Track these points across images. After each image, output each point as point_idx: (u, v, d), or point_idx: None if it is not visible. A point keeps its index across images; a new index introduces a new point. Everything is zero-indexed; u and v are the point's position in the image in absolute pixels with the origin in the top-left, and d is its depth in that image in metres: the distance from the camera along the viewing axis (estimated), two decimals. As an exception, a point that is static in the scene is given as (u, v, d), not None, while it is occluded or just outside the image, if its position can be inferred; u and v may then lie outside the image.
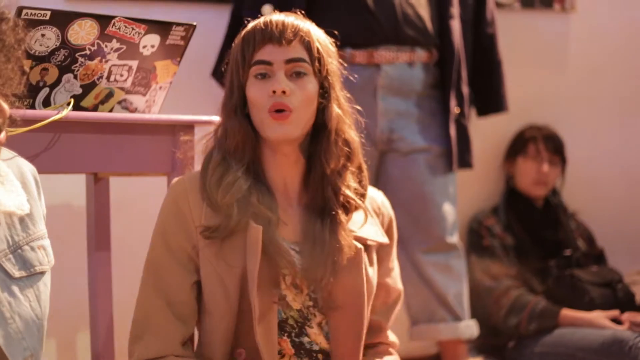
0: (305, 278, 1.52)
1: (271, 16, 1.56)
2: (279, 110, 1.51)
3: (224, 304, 1.51)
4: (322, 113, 1.56)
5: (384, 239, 1.64)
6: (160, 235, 1.55)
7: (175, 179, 1.60)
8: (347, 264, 1.53)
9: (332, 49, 1.60)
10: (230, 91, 1.58)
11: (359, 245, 1.56)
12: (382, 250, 1.66)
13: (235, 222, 1.49)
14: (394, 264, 1.71)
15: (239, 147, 1.55)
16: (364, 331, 1.57)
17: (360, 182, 1.62)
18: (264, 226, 1.50)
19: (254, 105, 1.54)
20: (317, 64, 1.55)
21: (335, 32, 1.63)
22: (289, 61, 1.52)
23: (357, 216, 1.61)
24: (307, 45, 1.54)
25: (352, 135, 1.60)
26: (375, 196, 1.69)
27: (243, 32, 1.59)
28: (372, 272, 1.60)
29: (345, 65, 1.64)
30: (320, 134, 1.57)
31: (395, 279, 1.70)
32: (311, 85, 1.54)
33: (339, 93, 1.60)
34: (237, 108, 1.56)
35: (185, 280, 1.53)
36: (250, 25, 1.59)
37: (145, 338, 1.52)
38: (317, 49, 1.55)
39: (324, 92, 1.57)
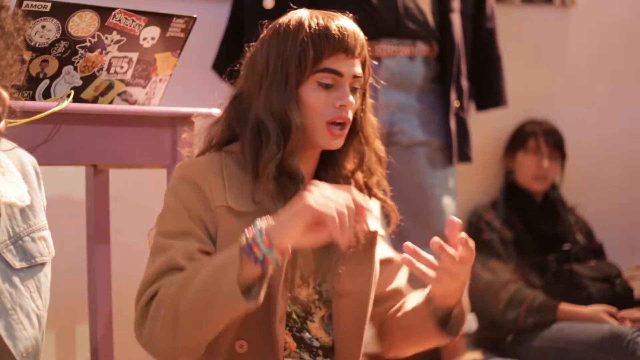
0: (319, 272, 1.52)
1: (339, 21, 1.53)
2: (340, 124, 1.51)
3: None
4: (354, 119, 1.56)
5: (382, 231, 1.65)
6: (181, 205, 1.47)
7: (185, 161, 1.55)
8: (361, 252, 1.55)
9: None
10: (282, 92, 1.50)
11: (375, 229, 1.58)
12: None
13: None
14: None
15: (298, 147, 1.50)
16: (367, 319, 1.57)
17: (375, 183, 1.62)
18: None
19: (312, 111, 1.51)
20: (365, 74, 1.57)
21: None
22: (355, 76, 1.53)
23: None
24: (364, 60, 1.56)
25: (379, 144, 1.62)
26: None
27: (305, 28, 1.51)
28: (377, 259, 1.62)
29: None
30: (348, 136, 1.56)
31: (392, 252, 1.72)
32: (357, 98, 1.56)
33: (369, 101, 1.60)
34: (298, 109, 1.50)
35: (210, 246, 1.47)
36: (314, 22, 1.52)
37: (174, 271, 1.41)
38: (367, 64, 1.57)
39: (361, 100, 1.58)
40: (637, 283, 2.81)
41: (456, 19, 2.69)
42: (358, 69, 1.53)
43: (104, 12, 1.69)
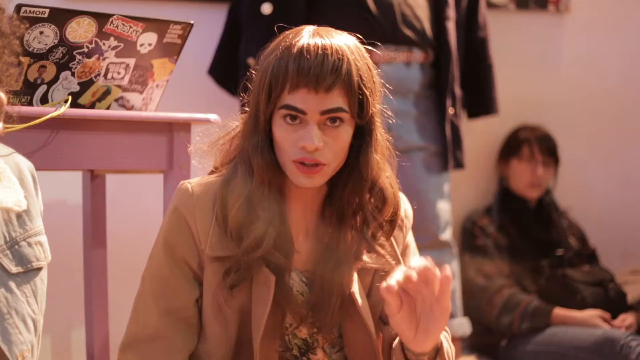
0: (312, 315, 1.44)
1: (308, 41, 1.33)
2: (306, 164, 1.34)
3: (220, 333, 1.44)
4: (355, 156, 1.40)
5: (390, 265, 1.48)
6: (164, 244, 1.44)
7: (185, 184, 1.46)
8: (347, 307, 1.44)
9: (377, 79, 1.40)
10: (254, 125, 1.39)
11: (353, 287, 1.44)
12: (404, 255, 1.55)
13: (247, 264, 1.39)
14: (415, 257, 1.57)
15: (265, 186, 1.39)
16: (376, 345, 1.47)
17: (385, 234, 1.47)
18: (277, 275, 1.39)
19: (280, 147, 1.37)
20: (357, 107, 1.36)
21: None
22: (325, 112, 1.33)
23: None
24: (349, 88, 1.34)
25: (387, 183, 1.44)
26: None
27: (274, 54, 1.36)
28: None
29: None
30: (348, 169, 1.41)
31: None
32: (346, 133, 1.37)
33: (379, 134, 1.43)
34: (262, 147, 1.37)
35: (190, 294, 1.44)
36: (283, 44, 1.35)
37: (143, 346, 1.41)
38: (360, 90, 1.35)
39: (361, 135, 1.40)
40: (630, 288, 2.82)
41: (451, 27, 2.71)
42: (330, 104, 1.32)
43: (101, 18, 1.70)
